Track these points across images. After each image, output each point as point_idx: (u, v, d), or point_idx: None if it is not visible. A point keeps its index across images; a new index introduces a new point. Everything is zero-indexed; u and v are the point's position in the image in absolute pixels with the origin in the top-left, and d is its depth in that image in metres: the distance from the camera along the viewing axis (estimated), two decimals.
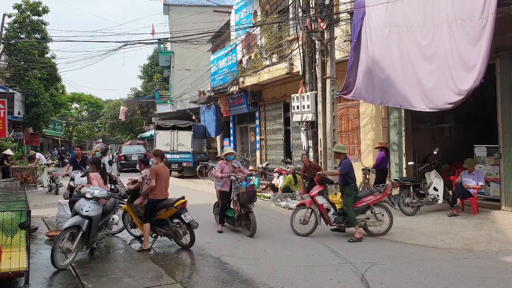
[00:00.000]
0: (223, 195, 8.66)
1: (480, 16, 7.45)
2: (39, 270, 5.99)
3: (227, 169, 8.57)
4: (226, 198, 8.60)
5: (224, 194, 8.63)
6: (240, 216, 8.37)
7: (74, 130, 56.58)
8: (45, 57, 25.64)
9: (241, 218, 8.35)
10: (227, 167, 8.61)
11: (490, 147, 9.92)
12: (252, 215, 8.09)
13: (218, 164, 8.93)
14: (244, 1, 18.66)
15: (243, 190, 8.11)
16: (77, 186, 7.61)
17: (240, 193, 8.11)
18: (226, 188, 8.53)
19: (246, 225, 8.28)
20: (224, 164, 8.68)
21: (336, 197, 8.16)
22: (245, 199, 8.12)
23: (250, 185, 8.22)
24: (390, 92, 9.42)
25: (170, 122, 23.21)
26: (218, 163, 9.12)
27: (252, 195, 8.26)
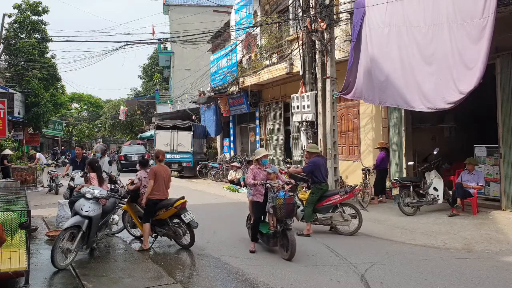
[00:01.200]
0: (256, 206, 7.17)
1: (481, 16, 7.45)
2: (39, 270, 5.99)
3: (260, 175, 7.12)
4: (259, 210, 7.10)
5: (257, 205, 7.13)
6: (276, 234, 6.85)
7: (74, 130, 56.60)
8: (45, 57, 25.65)
9: (277, 236, 6.85)
10: (260, 173, 7.14)
11: (490, 147, 9.92)
12: (291, 233, 6.54)
13: (249, 169, 7.39)
14: (244, 1, 18.67)
15: (280, 202, 6.57)
16: (77, 186, 7.61)
17: (277, 206, 6.59)
18: (260, 198, 7.07)
19: (282, 245, 6.72)
20: (256, 169, 7.18)
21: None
22: (283, 213, 6.59)
23: (288, 196, 6.67)
24: (389, 92, 9.42)
25: (170, 122, 23.21)
26: (249, 168, 7.51)
27: (291, 209, 6.71)
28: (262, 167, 7.22)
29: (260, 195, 7.07)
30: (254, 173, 7.12)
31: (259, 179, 7.04)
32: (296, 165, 16.32)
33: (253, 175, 7.10)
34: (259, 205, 7.11)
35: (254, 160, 7.41)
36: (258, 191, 7.08)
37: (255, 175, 7.11)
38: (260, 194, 7.07)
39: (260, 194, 7.07)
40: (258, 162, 7.24)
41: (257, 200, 7.13)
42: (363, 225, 8.12)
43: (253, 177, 7.07)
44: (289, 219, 6.73)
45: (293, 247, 6.44)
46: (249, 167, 7.63)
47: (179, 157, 21.38)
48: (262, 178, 7.05)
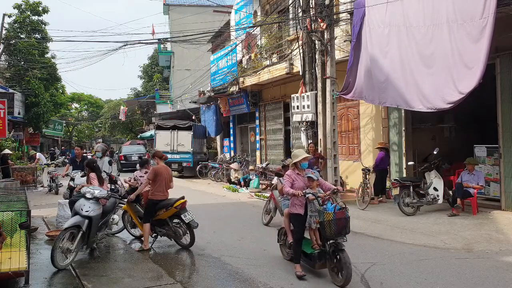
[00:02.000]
0: (296, 220, 5.91)
1: (481, 16, 7.44)
2: (39, 270, 6.00)
3: (299, 182, 5.91)
4: (301, 224, 5.90)
5: (297, 218, 5.88)
6: (323, 254, 5.71)
7: (74, 130, 56.60)
8: (45, 57, 25.65)
9: (325, 257, 5.67)
10: (299, 180, 5.93)
11: (490, 147, 9.92)
12: (344, 255, 5.33)
13: (286, 175, 6.14)
14: (244, 1, 18.67)
15: (330, 217, 5.38)
16: (77, 186, 7.62)
17: (325, 222, 5.42)
18: (300, 209, 5.86)
19: (334, 269, 5.55)
20: (294, 174, 5.94)
21: None
22: (333, 231, 5.41)
23: (340, 209, 5.50)
24: (388, 92, 9.42)
25: (170, 122, 23.22)
26: (286, 173, 6.26)
27: (344, 225, 5.47)
28: (301, 172, 6.00)
29: (300, 206, 5.85)
30: (292, 180, 5.87)
31: (299, 188, 5.81)
32: (267, 162, 16.40)
33: (291, 182, 5.85)
34: (300, 218, 5.86)
35: (291, 164, 6.15)
36: (297, 202, 5.83)
37: (293, 182, 5.85)
38: (300, 205, 5.85)
39: (300, 205, 5.84)
40: (296, 166, 5.98)
41: (297, 213, 5.86)
42: (363, 225, 8.12)
43: (290, 185, 5.81)
44: (342, 237, 5.48)
45: (349, 272, 5.27)
46: (285, 173, 6.31)
47: (179, 157, 21.38)
48: (302, 186, 5.86)
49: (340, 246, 5.43)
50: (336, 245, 5.44)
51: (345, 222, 5.46)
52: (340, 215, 5.45)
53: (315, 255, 5.80)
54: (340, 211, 5.48)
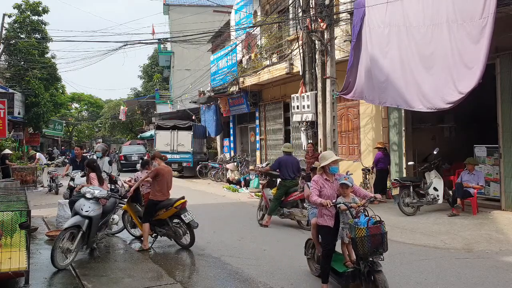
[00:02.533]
0: (324, 232, 5.13)
1: (480, 16, 7.44)
2: (39, 270, 6.00)
3: (328, 188, 5.12)
4: (330, 237, 5.09)
5: (326, 231, 5.09)
6: (357, 273, 4.86)
7: (74, 130, 56.60)
8: (45, 57, 25.66)
9: (359, 277, 4.81)
10: (328, 186, 5.14)
11: (490, 147, 9.92)
12: (381, 277, 4.55)
13: (313, 181, 5.29)
14: (244, 1, 18.67)
15: (362, 233, 4.53)
16: (77, 186, 7.62)
17: (357, 238, 4.56)
18: (330, 221, 5.06)
19: None
20: (322, 180, 5.15)
21: None
22: (366, 249, 4.56)
23: (374, 223, 4.64)
24: (389, 92, 9.42)
25: (170, 122, 23.22)
26: (312, 179, 5.38)
27: (380, 241, 4.60)
28: (330, 177, 5.18)
29: (330, 216, 5.05)
30: (320, 186, 5.10)
31: (328, 196, 5.05)
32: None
33: (319, 189, 5.07)
34: (330, 231, 5.05)
35: (318, 168, 5.32)
36: (326, 212, 5.06)
37: (321, 190, 5.08)
38: (329, 216, 5.05)
39: (330, 216, 5.05)
40: (324, 171, 5.18)
41: (325, 225, 5.05)
42: None
43: (318, 193, 5.04)
44: (377, 255, 4.62)
45: None
46: (312, 178, 5.42)
47: (179, 157, 21.38)
48: (331, 194, 5.08)
49: (376, 267, 4.60)
50: (372, 265, 4.62)
51: (380, 238, 4.59)
52: (375, 230, 4.58)
53: (348, 274, 4.95)
54: (375, 225, 4.61)
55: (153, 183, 7.34)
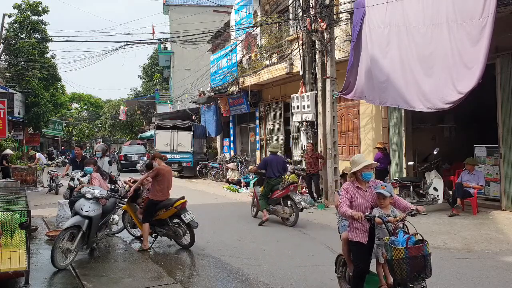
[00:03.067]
0: (356, 249, 4.42)
1: (480, 16, 7.45)
2: (39, 270, 6.00)
3: (361, 198, 4.39)
4: (362, 255, 4.37)
5: (358, 248, 4.38)
6: None
7: (74, 130, 56.61)
8: (45, 57, 25.67)
9: None
10: (360, 195, 4.40)
11: (490, 147, 9.92)
12: None
13: (342, 188, 4.56)
14: (244, 1, 18.67)
15: (400, 255, 3.81)
16: (77, 186, 7.62)
17: (394, 260, 3.84)
18: (362, 236, 4.33)
19: None
20: (353, 188, 4.43)
21: None
22: (405, 273, 3.83)
23: (415, 243, 3.89)
24: (389, 92, 9.43)
25: (170, 122, 23.22)
26: (342, 187, 4.63)
27: (422, 265, 3.86)
28: (363, 184, 4.43)
29: (363, 231, 4.32)
30: (351, 196, 4.38)
31: (360, 206, 4.33)
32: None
33: (349, 199, 4.36)
34: (362, 248, 4.32)
35: (348, 174, 4.63)
36: (359, 225, 4.33)
37: (352, 199, 4.37)
38: (362, 230, 4.32)
39: (363, 230, 4.32)
40: (356, 177, 4.46)
41: (357, 241, 4.33)
42: None
43: (349, 203, 4.33)
44: (419, 282, 3.89)
45: None
46: (342, 186, 4.67)
47: (179, 157, 21.38)
48: (364, 205, 4.35)
49: None
50: None
51: (422, 261, 3.81)
52: (416, 252, 3.80)
53: None
54: (416, 246, 3.83)
55: (153, 183, 7.34)
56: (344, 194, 4.40)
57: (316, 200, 11.36)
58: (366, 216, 4.17)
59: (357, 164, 4.40)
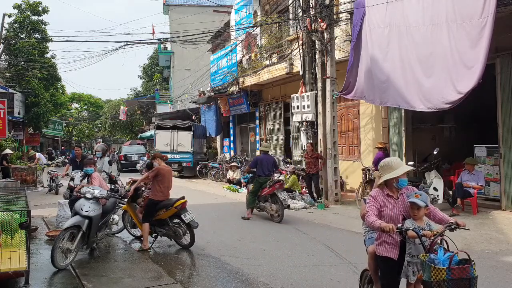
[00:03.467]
0: (384, 265, 3.88)
1: (480, 16, 7.45)
2: (39, 270, 5.99)
3: (391, 208, 3.81)
4: (391, 274, 3.83)
5: (386, 264, 3.84)
6: None
7: (74, 130, 56.62)
8: (45, 57, 25.68)
9: None
10: (391, 205, 3.82)
11: (490, 147, 9.92)
12: None
13: (369, 196, 3.98)
14: (244, 1, 18.67)
15: (442, 276, 3.24)
16: (77, 186, 7.62)
17: (433, 282, 3.26)
18: (391, 251, 3.79)
19: None
20: (382, 197, 3.84)
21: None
22: None
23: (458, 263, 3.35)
24: (389, 92, 9.43)
25: (170, 122, 23.22)
26: (369, 194, 4.05)
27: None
28: (395, 192, 3.85)
29: (393, 245, 3.78)
30: (380, 205, 3.81)
31: (391, 217, 3.77)
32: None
33: (378, 207, 3.79)
34: (391, 264, 3.79)
35: (379, 182, 3.93)
36: (388, 238, 3.78)
37: (381, 209, 3.80)
38: (392, 245, 3.78)
39: (393, 245, 3.78)
40: (386, 184, 3.86)
41: (386, 256, 3.80)
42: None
43: (377, 212, 3.76)
44: None
45: None
46: (370, 193, 4.08)
47: (179, 157, 21.38)
48: (396, 215, 3.78)
49: None
50: None
51: (468, 285, 3.24)
52: (460, 273, 3.23)
53: None
54: (461, 267, 3.27)
55: (154, 183, 7.34)
56: (372, 202, 3.80)
57: (316, 200, 11.36)
58: (399, 228, 3.57)
59: (393, 170, 3.78)
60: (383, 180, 3.81)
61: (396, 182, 3.79)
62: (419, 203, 3.66)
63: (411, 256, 3.70)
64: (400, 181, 3.79)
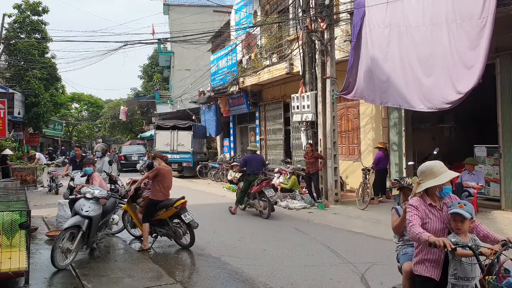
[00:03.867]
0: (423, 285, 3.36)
1: (480, 16, 7.45)
2: (39, 270, 5.99)
3: (436, 220, 3.30)
4: None
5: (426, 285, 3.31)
6: None
7: (74, 130, 56.62)
8: (45, 57, 25.67)
9: None
10: (435, 217, 3.31)
11: (490, 147, 9.91)
12: None
13: (409, 206, 3.36)
14: (244, 1, 18.67)
15: None
16: (77, 186, 7.61)
17: None
18: (433, 270, 3.27)
19: None
20: (425, 207, 3.33)
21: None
22: None
23: None
24: (390, 92, 9.43)
25: (170, 122, 23.22)
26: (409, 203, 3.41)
27: None
28: (437, 201, 3.37)
29: (436, 264, 3.25)
30: (423, 215, 3.28)
31: (435, 231, 3.23)
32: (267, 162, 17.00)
33: (421, 218, 3.26)
34: (432, 285, 3.27)
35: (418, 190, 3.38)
36: (431, 255, 3.26)
37: (424, 220, 3.27)
38: (434, 263, 3.25)
39: (436, 263, 3.25)
40: (427, 192, 3.38)
41: (427, 276, 3.28)
42: (363, 225, 8.13)
43: (421, 223, 3.23)
44: None
45: None
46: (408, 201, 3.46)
47: (179, 157, 21.38)
48: (440, 228, 3.26)
49: None
50: None
51: None
52: None
53: None
54: None
55: (154, 183, 7.34)
56: (413, 211, 3.24)
57: (316, 200, 11.36)
58: (457, 244, 2.94)
59: (435, 175, 3.28)
60: (424, 188, 3.30)
61: (439, 190, 3.33)
62: (464, 215, 3.15)
63: (456, 278, 3.11)
64: (444, 189, 3.34)
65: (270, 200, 9.89)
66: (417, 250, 3.38)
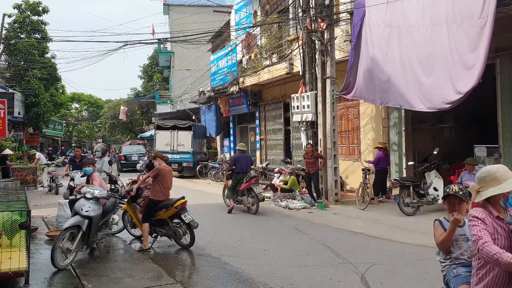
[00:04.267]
0: None
1: (480, 16, 7.45)
2: (39, 270, 5.99)
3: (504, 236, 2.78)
4: None
5: None
6: None
7: (74, 130, 56.62)
8: (45, 57, 25.67)
9: None
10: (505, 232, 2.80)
11: (490, 147, 9.91)
12: None
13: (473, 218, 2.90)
14: (244, 1, 18.68)
15: None
16: (77, 186, 7.62)
17: None
18: None
19: None
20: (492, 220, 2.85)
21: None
22: None
23: None
24: (390, 92, 9.43)
25: (170, 122, 23.21)
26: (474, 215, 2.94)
27: None
28: (503, 213, 2.92)
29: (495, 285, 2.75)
30: (491, 231, 2.79)
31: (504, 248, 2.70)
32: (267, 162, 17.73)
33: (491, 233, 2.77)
34: None
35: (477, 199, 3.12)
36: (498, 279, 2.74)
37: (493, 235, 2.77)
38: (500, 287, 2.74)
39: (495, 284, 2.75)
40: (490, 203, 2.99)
41: None
42: (363, 225, 8.13)
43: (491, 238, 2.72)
44: None
45: None
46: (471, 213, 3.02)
47: (179, 157, 21.38)
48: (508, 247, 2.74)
49: None
50: None
51: None
52: None
53: None
54: None
55: (154, 183, 7.34)
56: (482, 225, 2.74)
57: (316, 200, 11.36)
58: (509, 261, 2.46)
59: (499, 182, 2.84)
60: (485, 196, 2.88)
61: (505, 199, 2.83)
62: None
63: None
64: (510, 198, 2.85)
65: (258, 197, 10.41)
66: (481, 271, 2.76)
